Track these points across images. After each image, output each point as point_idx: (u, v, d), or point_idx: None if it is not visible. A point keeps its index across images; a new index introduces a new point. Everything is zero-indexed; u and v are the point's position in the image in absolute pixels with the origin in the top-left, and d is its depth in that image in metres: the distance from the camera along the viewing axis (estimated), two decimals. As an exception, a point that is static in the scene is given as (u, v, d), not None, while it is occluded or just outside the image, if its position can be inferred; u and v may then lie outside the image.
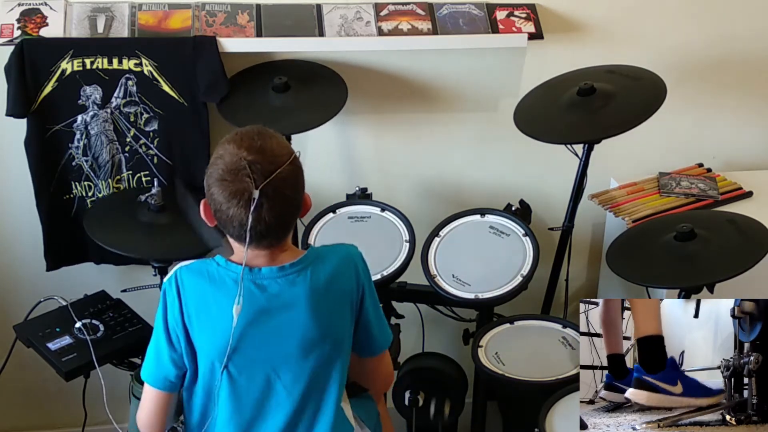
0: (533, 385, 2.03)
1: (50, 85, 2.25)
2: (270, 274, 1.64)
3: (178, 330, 1.65)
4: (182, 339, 1.65)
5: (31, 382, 2.69)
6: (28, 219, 2.41)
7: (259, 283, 1.64)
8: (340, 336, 1.72)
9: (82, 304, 2.29)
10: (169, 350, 1.66)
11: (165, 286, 1.66)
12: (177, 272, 1.66)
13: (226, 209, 1.56)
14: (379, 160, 2.61)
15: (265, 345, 1.65)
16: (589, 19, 2.50)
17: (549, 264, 2.46)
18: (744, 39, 2.60)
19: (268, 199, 1.55)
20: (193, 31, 2.29)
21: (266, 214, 1.56)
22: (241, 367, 1.65)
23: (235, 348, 1.63)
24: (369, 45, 2.37)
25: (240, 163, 1.54)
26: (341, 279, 1.70)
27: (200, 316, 1.63)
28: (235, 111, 2.29)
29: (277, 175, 1.55)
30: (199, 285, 1.64)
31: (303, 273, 1.66)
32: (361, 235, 2.33)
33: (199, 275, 1.65)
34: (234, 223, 1.57)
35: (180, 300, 1.64)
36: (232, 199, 1.55)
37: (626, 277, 2.13)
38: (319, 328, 1.66)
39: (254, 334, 1.63)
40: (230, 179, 1.55)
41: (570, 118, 2.25)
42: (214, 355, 1.64)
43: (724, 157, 2.74)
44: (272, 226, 1.58)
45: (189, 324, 1.64)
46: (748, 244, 2.06)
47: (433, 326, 2.58)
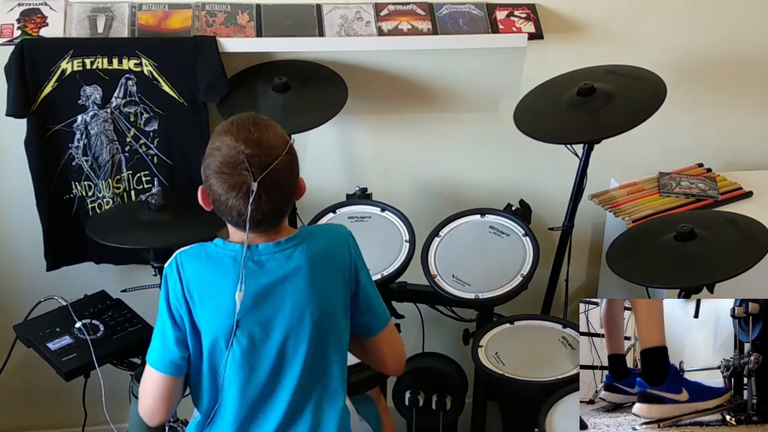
0: (533, 385, 2.03)
1: (50, 85, 2.25)
2: (267, 250, 1.67)
3: (181, 310, 1.67)
4: (186, 319, 1.67)
5: (31, 382, 2.69)
6: (28, 219, 2.41)
7: (257, 259, 1.67)
8: (334, 308, 1.73)
9: (82, 304, 2.29)
10: (174, 330, 1.68)
11: (166, 271, 1.69)
12: (177, 256, 1.69)
13: (225, 200, 1.60)
14: (379, 160, 2.61)
15: (267, 320, 1.67)
16: (589, 19, 2.50)
17: (549, 264, 2.46)
18: (744, 39, 2.60)
19: (266, 190, 1.59)
20: (193, 31, 2.29)
21: (264, 204, 1.60)
22: (244, 345, 1.66)
23: (239, 324, 1.65)
24: (369, 45, 2.38)
25: (238, 157, 1.57)
26: (335, 253, 1.74)
27: (202, 296, 1.65)
28: (235, 111, 2.24)
29: (274, 167, 1.58)
30: (199, 266, 1.67)
31: (299, 247, 1.69)
32: (361, 235, 2.30)
33: (199, 257, 1.68)
34: (233, 212, 1.61)
35: (181, 281, 1.66)
36: (231, 191, 1.59)
37: (626, 277, 2.13)
38: (316, 299, 1.69)
39: (256, 309, 1.66)
40: (229, 172, 1.58)
41: (570, 118, 2.25)
42: (218, 333, 1.66)
43: (724, 157, 2.74)
44: (269, 213, 1.62)
45: (192, 304, 1.66)
46: (748, 244, 2.06)
47: (433, 326, 2.58)
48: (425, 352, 2.55)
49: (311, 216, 2.37)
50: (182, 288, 1.66)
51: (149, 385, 1.71)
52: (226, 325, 1.65)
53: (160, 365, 1.69)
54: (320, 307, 1.69)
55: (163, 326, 1.69)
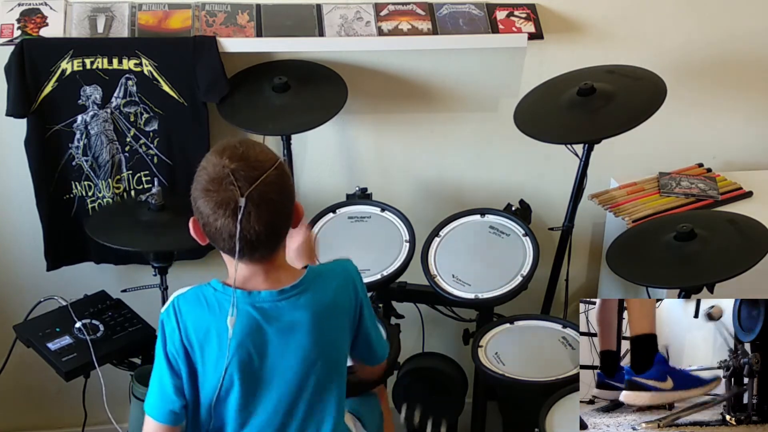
0: (533, 385, 2.03)
1: (50, 85, 2.25)
2: (270, 298, 1.61)
3: (179, 358, 1.61)
4: (183, 367, 1.62)
5: (31, 382, 2.69)
6: (28, 219, 2.41)
7: (258, 306, 1.60)
8: (339, 357, 1.71)
9: (82, 304, 2.29)
10: (173, 378, 1.63)
11: (163, 317, 1.63)
12: (174, 302, 1.62)
13: (213, 221, 1.52)
14: (379, 160, 2.61)
15: (268, 369, 1.62)
16: (589, 19, 2.50)
17: (549, 264, 2.46)
18: (744, 39, 2.60)
19: (255, 205, 1.50)
20: (193, 31, 2.29)
21: (255, 222, 1.51)
22: (245, 392, 1.63)
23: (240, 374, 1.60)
24: (369, 45, 2.37)
25: (223, 172, 1.50)
26: (342, 299, 1.68)
27: (202, 345, 1.60)
28: (235, 111, 2.29)
29: (262, 180, 1.51)
30: (198, 313, 1.61)
31: (304, 295, 1.63)
32: (361, 235, 2.33)
33: (197, 303, 1.62)
34: (224, 235, 1.53)
35: (180, 329, 1.60)
36: (218, 209, 1.51)
37: (626, 277, 2.13)
38: (320, 350, 1.64)
39: (257, 358, 1.61)
40: (214, 189, 1.51)
41: (570, 118, 2.25)
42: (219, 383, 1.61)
43: (724, 157, 2.74)
44: (262, 235, 1.53)
45: (191, 351, 1.61)
46: (748, 244, 2.06)
47: (433, 326, 2.58)
48: (425, 352, 2.55)
49: (311, 216, 2.37)
50: (181, 337, 1.60)
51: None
52: (230, 374, 1.60)
53: (157, 414, 1.64)
54: (325, 358, 1.65)
55: (160, 374, 1.64)
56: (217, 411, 1.65)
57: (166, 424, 1.65)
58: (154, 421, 1.65)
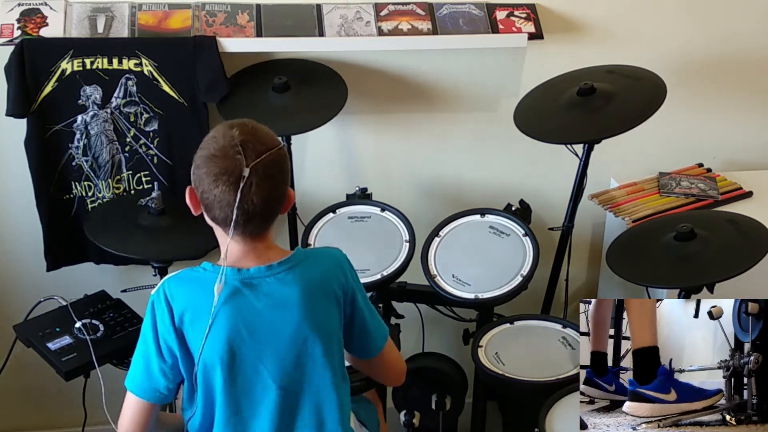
0: (533, 385, 2.03)
1: (50, 85, 2.25)
2: (258, 273, 1.63)
3: (170, 341, 1.62)
4: (176, 349, 1.63)
5: (31, 382, 2.69)
6: (28, 219, 2.41)
7: (248, 281, 1.63)
8: (329, 335, 1.70)
9: (82, 304, 2.29)
10: (159, 362, 1.64)
11: (152, 299, 1.64)
12: (164, 284, 1.64)
13: (213, 188, 1.56)
14: (379, 160, 2.61)
15: (259, 344, 1.63)
16: (589, 19, 2.50)
17: (549, 264, 2.46)
18: (744, 39, 2.60)
19: (258, 178, 1.55)
20: (193, 31, 2.29)
21: (254, 193, 1.56)
22: (236, 369, 1.64)
23: (230, 350, 1.62)
24: (369, 45, 2.37)
25: (232, 141, 1.55)
26: (330, 280, 1.70)
27: (194, 322, 1.61)
28: (235, 111, 2.29)
29: (267, 155, 1.56)
30: (189, 291, 1.63)
31: (292, 272, 1.65)
32: (361, 235, 2.33)
33: (188, 282, 1.64)
34: (222, 204, 1.57)
35: (171, 310, 1.61)
36: (222, 176, 1.55)
37: (626, 277, 2.13)
38: (311, 326, 1.65)
39: (247, 333, 1.62)
40: (221, 155, 1.55)
41: (570, 118, 2.25)
42: (214, 359, 1.62)
43: (724, 157, 2.74)
44: (258, 208, 1.57)
45: (185, 331, 1.62)
46: (748, 244, 2.06)
47: (433, 326, 2.58)
48: (425, 352, 2.55)
49: (311, 216, 2.37)
50: (172, 318, 1.61)
51: (129, 407, 1.68)
52: (220, 348, 1.61)
53: (140, 391, 1.66)
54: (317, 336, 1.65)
55: (146, 354, 1.65)
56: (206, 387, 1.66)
57: (148, 401, 1.67)
58: (135, 396, 1.67)
